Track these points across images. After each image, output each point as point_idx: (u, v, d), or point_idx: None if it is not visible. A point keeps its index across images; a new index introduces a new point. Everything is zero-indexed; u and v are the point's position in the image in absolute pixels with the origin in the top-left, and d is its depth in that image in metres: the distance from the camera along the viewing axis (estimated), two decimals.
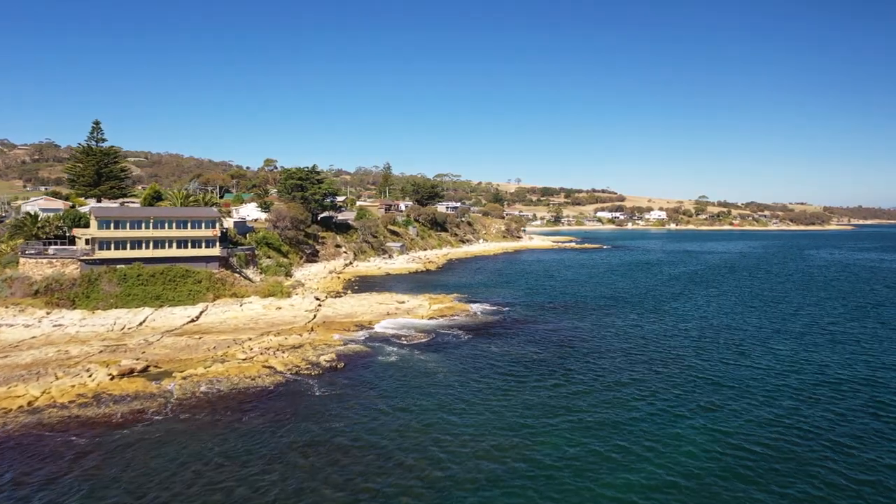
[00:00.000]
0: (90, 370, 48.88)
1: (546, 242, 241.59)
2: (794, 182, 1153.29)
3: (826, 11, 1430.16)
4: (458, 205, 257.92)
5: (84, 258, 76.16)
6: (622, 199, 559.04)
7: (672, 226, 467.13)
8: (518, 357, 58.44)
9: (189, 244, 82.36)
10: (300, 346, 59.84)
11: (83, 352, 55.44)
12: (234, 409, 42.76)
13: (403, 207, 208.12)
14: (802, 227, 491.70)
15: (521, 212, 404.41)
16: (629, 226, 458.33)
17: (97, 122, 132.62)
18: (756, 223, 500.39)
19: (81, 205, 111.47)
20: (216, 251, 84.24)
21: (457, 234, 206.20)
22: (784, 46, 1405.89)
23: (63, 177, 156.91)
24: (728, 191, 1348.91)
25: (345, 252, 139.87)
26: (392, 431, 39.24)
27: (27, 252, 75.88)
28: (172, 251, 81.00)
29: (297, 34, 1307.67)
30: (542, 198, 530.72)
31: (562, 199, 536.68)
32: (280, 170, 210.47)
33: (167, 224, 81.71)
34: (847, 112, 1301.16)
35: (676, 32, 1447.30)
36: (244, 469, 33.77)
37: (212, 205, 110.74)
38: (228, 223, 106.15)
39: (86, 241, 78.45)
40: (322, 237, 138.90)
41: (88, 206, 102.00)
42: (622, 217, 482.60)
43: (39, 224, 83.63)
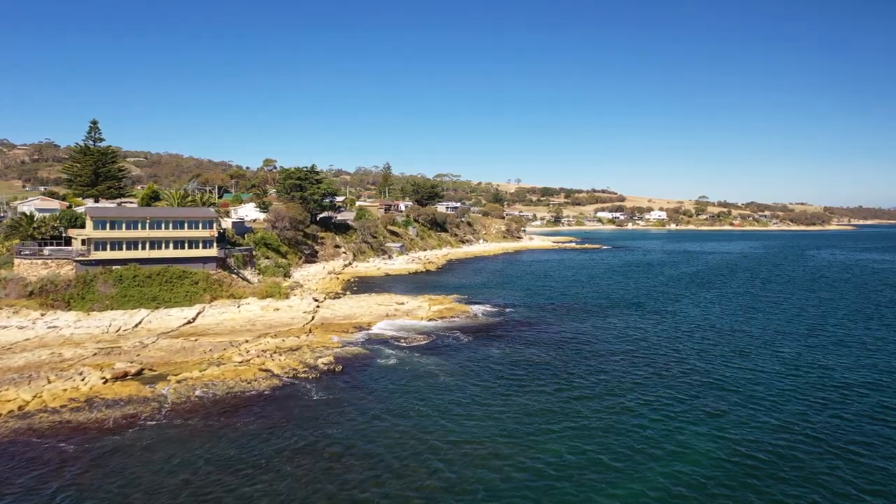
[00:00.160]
0: (83, 374, 48.03)
1: (546, 243, 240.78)
2: (795, 182, 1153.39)
3: (826, 11, 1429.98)
4: (458, 205, 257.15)
5: (79, 259, 75.29)
6: (622, 200, 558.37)
7: (672, 226, 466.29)
8: (519, 360, 57.56)
9: (186, 245, 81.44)
10: (298, 349, 59.00)
11: (77, 354, 54.58)
12: (229, 414, 41.91)
13: (403, 208, 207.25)
14: (803, 228, 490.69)
15: (521, 212, 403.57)
16: (629, 226, 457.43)
17: (94, 122, 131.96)
18: (756, 223, 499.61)
19: (79, 205, 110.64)
20: (213, 252, 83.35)
21: (457, 235, 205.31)
22: (784, 47, 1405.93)
23: (62, 177, 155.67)
24: (728, 191, 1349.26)
25: (344, 252, 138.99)
26: (388, 439, 38.32)
27: (22, 253, 74.97)
28: (169, 252, 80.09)
29: (298, 34, 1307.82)
30: (542, 198, 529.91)
31: (562, 200, 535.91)
32: (279, 170, 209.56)
33: (164, 224, 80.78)
34: (847, 112, 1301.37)
35: (676, 32, 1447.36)
36: (233, 477, 32.89)
37: (209, 205, 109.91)
38: (226, 223, 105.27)
39: (81, 242, 77.66)
40: (321, 237, 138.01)
41: (84, 207, 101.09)
42: (622, 217, 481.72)
43: (35, 224, 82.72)
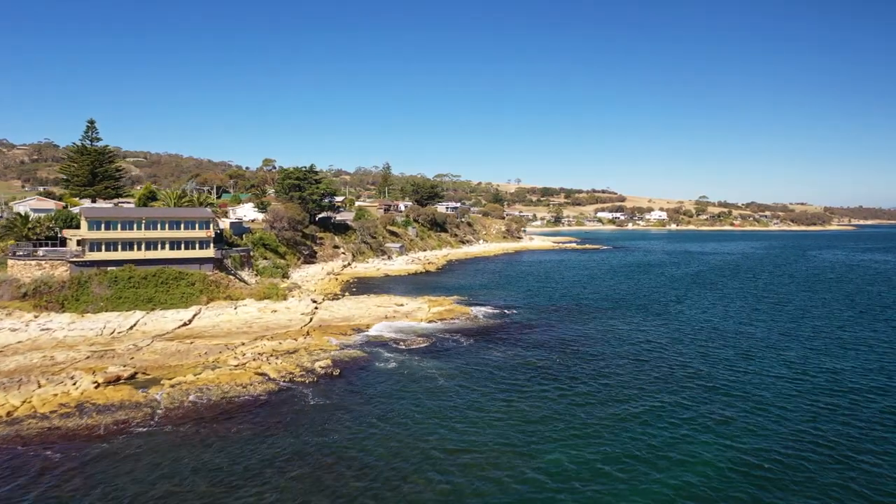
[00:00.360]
0: (75, 378, 46.95)
1: (546, 243, 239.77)
2: (795, 182, 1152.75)
3: (826, 12, 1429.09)
4: (458, 205, 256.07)
5: (74, 260, 74.22)
6: (622, 200, 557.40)
7: (673, 226, 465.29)
8: (520, 363, 56.47)
9: (182, 245, 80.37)
10: (295, 352, 57.97)
11: (69, 358, 53.52)
12: (222, 420, 40.81)
13: (403, 208, 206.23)
14: (803, 228, 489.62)
15: (521, 212, 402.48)
16: (629, 226, 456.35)
17: (91, 121, 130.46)
18: (757, 223, 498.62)
19: (75, 205, 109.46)
20: (210, 252, 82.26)
21: (457, 235, 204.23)
22: (784, 47, 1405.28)
23: (60, 177, 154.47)
24: (728, 191, 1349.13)
25: (343, 253, 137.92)
26: (384, 448, 36.96)
27: (17, 254, 73.90)
28: (165, 253, 79.00)
29: (298, 34, 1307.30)
30: (542, 198, 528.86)
31: (562, 200, 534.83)
32: (278, 170, 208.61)
33: (160, 225, 79.68)
34: (847, 112, 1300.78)
35: (676, 32, 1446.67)
36: (218, 488, 31.71)
37: (206, 205, 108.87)
38: (224, 224, 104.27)
39: (77, 243, 76.60)
40: (320, 238, 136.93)
41: (80, 207, 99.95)
42: (622, 217, 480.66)
43: (30, 225, 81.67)
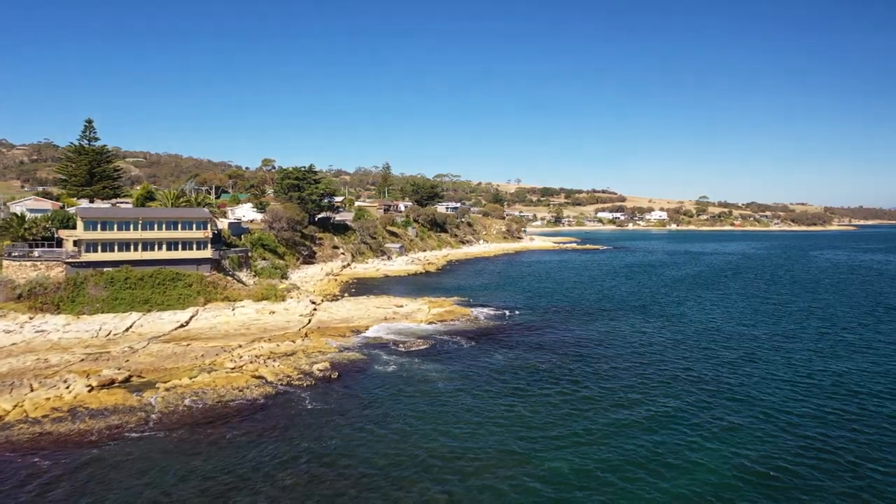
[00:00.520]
0: (68, 381, 46.11)
1: (547, 243, 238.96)
2: (795, 182, 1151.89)
3: (826, 13, 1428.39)
4: (458, 205, 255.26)
5: (70, 261, 73.37)
6: (623, 200, 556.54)
7: (673, 226, 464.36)
8: (521, 366, 55.61)
9: (179, 246, 79.49)
10: (293, 354, 57.12)
11: (63, 360, 52.65)
12: (217, 425, 39.94)
13: (403, 208, 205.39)
14: (804, 228, 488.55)
15: (522, 212, 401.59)
16: (630, 226, 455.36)
17: (89, 121, 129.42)
18: (757, 224, 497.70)
19: (73, 205, 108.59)
20: (208, 253, 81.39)
21: (457, 235, 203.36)
22: (784, 47, 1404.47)
23: (59, 177, 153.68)
24: (729, 191, 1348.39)
25: (342, 253, 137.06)
26: (380, 455, 35.94)
27: (12, 255, 73.05)
28: (162, 253, 78.13)
29: (298, 35, 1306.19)
30: (543, 198, 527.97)
31: (562, 200, 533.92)
32: (278, 170, 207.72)
33: (156, 225, 78.77)
34: (847, 112, 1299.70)
35: (676, 33, 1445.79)
36: (205, 498, 30.76)
37: (204, 205, 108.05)
38: (223, 224, 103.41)
39: (73, 243, 75.76)
40: (319, 238, 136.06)
41: (75, 207, 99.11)
42: (623, 217, 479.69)
43: (26, 225, 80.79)
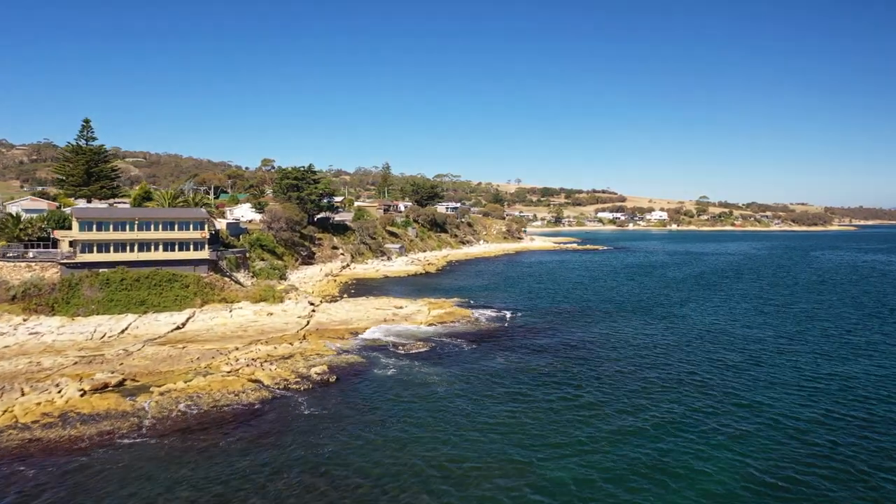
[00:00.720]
0: (60, 385, 45.20)
1: (547, 243, 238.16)
2: (795, 182, 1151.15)
3: (826, 13, 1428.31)
4: (458, 205, 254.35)
5: (65, 261, 72.44)
6: (623, 200, 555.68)
7: (673, 226, 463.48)
8: (522, 371, 54.61)
9: (176, 247, 78.55)
10: (290, 357, 56.19)
11: (56, 363, 51.73)
12: (211, 432, 38.95)
13: (403, 208, 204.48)
14: (805, 228, 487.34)
15: (522, 212, 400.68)
16: (630, 226, 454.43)
17: (87, 121, 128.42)
18: (758, 224, 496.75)
19: (70, 205, 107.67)
20: (205, 254, 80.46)
21: (457, 236, 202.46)
22: (784, 47, 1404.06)
23: (57, 177, 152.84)
24: (729, 191, 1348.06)
25: (342, 254, 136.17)
26: (378, 465, 34.83)
27: (7, 255, 72.13)
28: (158, 254, 77.19)
29: (298, 35, 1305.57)
30: (543, 198, 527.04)
31: (562, 200, 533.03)
32: (277, 170, 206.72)
33: (153, 226, 77.83)
34: (847, 112, 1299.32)
35: (677, 33, 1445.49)
36: None
37: (202, 205, 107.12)
38: (221, 224, 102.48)
39: (69, 244, 74.86)
40: (318, 238, 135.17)
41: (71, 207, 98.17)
42: (623, 218, 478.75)
43: (22, 226, 79.87)
